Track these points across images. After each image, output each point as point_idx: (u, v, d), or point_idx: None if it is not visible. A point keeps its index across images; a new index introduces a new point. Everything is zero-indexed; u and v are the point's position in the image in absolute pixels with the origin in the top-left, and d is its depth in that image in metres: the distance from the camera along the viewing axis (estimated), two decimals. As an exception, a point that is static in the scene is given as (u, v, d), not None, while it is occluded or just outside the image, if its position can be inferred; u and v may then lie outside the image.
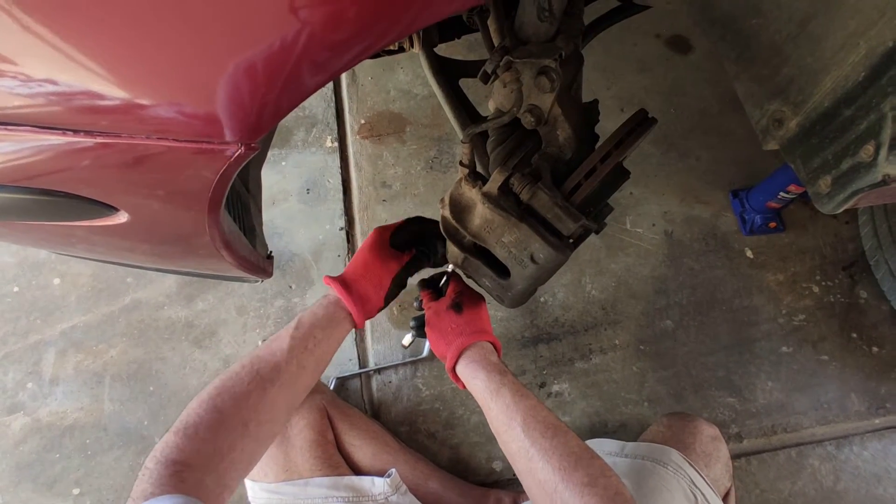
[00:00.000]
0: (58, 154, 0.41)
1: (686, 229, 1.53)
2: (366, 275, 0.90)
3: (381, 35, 0.36)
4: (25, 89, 0.38)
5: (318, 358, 0.83)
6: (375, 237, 0.94)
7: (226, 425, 0.68)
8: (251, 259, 0.73)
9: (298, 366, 0.78)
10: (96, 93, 0.38)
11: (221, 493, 0.66)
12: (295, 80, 0.37)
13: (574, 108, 0.78)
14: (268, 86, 0.37)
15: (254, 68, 0.36)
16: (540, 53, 0.69)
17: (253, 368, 0.74)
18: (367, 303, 0.90)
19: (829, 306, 1.46)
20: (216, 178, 0.44)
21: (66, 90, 0.38)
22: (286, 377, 0.76)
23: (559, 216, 0.74)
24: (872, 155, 0.65)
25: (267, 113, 0.39)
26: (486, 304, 0.95)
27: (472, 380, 0.82)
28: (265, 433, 0.75)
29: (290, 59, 0.36)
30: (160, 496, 0.56)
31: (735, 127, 1.63)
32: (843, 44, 0.68)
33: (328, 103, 1.63)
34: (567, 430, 0.72)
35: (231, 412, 0.69)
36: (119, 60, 0.37)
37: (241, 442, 0.69)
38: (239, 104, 0.38)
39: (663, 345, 1.41)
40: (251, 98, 0.38)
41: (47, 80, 0.37)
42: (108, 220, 0.52)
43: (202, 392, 0.71)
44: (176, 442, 0.64)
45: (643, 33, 1.75)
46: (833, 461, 1.32)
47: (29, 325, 1.35)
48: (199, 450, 0.64)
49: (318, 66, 0.37)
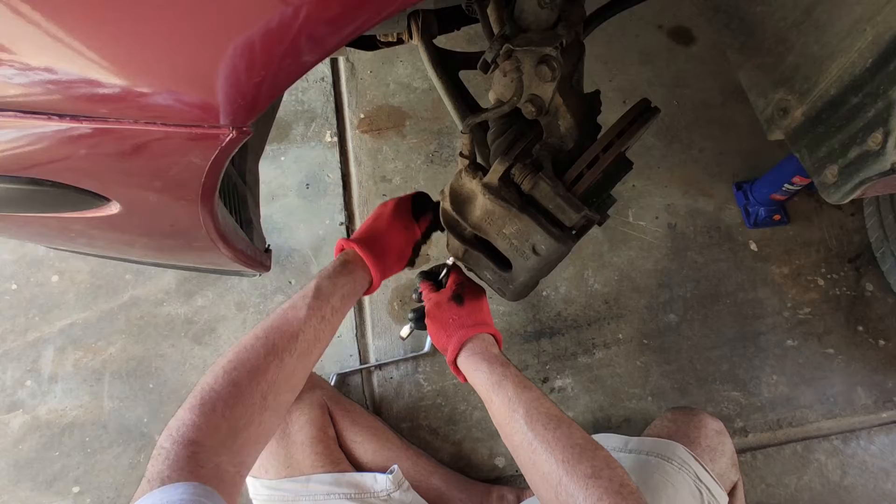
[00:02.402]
0: (44, 141, 0.40)
1: (689, 222, 1.51)
2: (389, 242, 0.89)
3: (377, 9, 0.35)
4: (9, 73, 0.37)
5: (334, 326, 0.81)
6: (396, 205, 0.94)
7: (244, 400, 0.65)
8: (248, 252, 0.72)
9: (315, 337, 0.76)
10: (81, 76, 0.36)
11: (239, 471, 0.64)
12: (287, 58, 0.36)
13: (575, 98, 0.76)
14: (258, 66, 0.36)
15: (243, 48, 0.35)
16: (540, 42, 0.68)
17: (269, 340, 0.71)
18: (390, 270, 0.91)
19: (834, 299, 1.45)
20: (208, 164, 0.42)
21: (51, 74, 0.36)
22: (303, 346, 0.74)
23: (561, 206, 0.73)
24: (881, 143, 0.64)
25: (256, 95, 0.37)
26: (488, 298, 0.94)
27: (474, 372, 0.80)
28: (282, 404, 0.73)
29: (283, 37, 0.34)
30: (177, 482, 0.54)
31: (739, 118, 1.62)
32: (849, 30, 0.67)
33: (327, 97, 1.61)
34: (570, 422, 0.71)
35: (249, 386, 0.66)
36: (105, 42, 0.35)
37: (259, 416, 0.67)
38: (228, 87, 0.37)
39: (667, 339, 1.39)
40: (240, 80, 0.36)
41: (33, 63, 0.36)
42: (99, 210, 0.50)
43: (215, 366, 0.68)
44: (192, 419, 0.61)
45: (645, 24, 1.73)
46: (839, 455, 1.30)
47: (27, 322, 1.34)
48: (217, 426, 0.62)
49: (311, 42, 0.35)
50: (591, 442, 0.69)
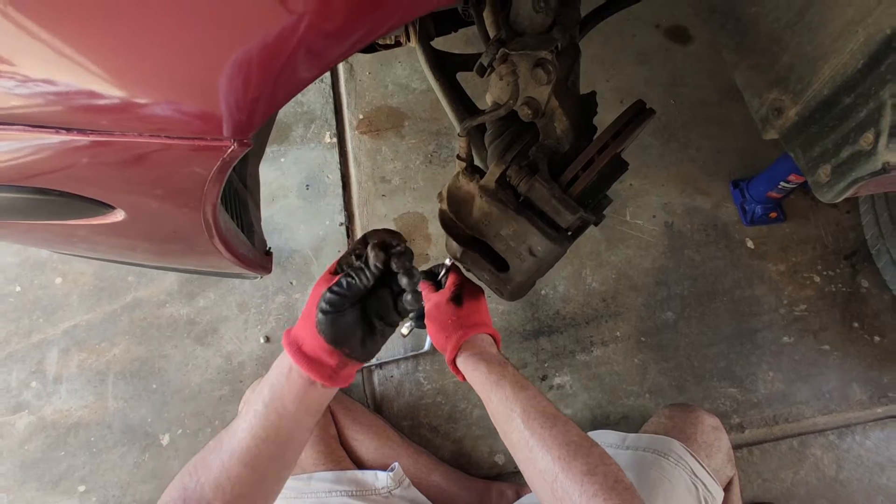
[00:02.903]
0: (51, 153, 0.41)
1: (686, 220, 1.53)
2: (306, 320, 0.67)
3: (376, 24, 0.36)
4: (17, 88, 0.38)
5: (299, 421, 0.66)
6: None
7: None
8: (250, 256, 0.73)
9: (277, 443, 0.66)
10: (87, 90, 0.37)
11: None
12: (287, 73, 0.37)
13: (571, 100, 0.78)
14: (259, 80, 0.37)
15: (244, 63, 0.36)
16: (536, 45, 0.69)
17: (225, 454, 0.64)
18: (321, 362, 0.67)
19: (830, 296, 1.46)
20: (210, 174, 0.44)
21: (57, 88, 0.37)
22: (263, 460, 0.65)
23: (557, 208, 0.74)
24: (872, 143, 0.65)
25: (259, 109, 0.39)
26: (486, 297, 0.94)
27: (472, 372, 0.81)
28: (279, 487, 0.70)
29: (283, 52, 0.35)
30: None
31: (735, 117, 1.63)
32: (841, 31, 0.68)
33: (326, 99, 1.62)
34: (566, 420, 0.72)
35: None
36: (110, 57, 0.37)
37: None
38: (230, 100, 0.38)
39: (664, 336, 1.41)
40: (242, 94, 0.38)
41: (40, 78, 0.37)
42: (104, 218, 0.52)
43: (176, 479, 0.65)
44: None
45: (642, 24, 1.74)
46: (835, 451, 1.32)
47: (32, 324, 1.36)
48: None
49: (311, 57, 0.36)
50: (587, 439, 0.70)
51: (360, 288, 0.63)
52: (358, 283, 0.63)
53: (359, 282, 0.63)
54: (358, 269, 0.63)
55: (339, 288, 0.63)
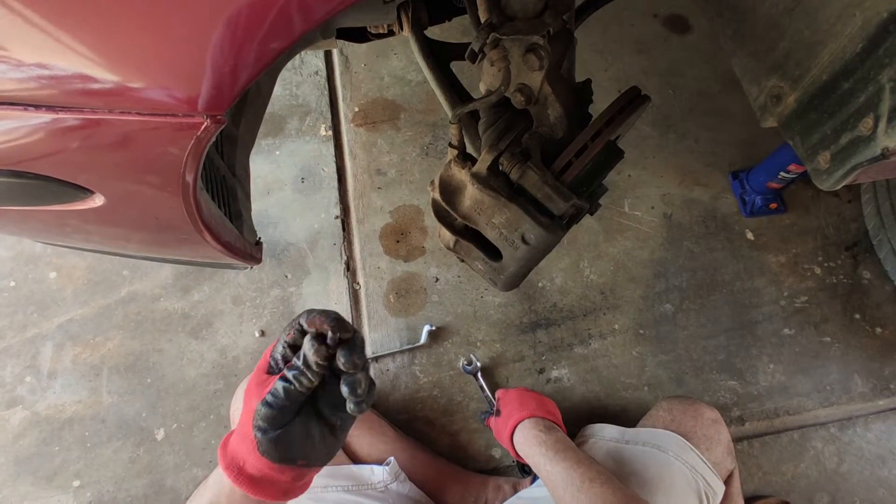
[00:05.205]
0: (20, 132, 0.40)
1: (685, 211, 1.51)
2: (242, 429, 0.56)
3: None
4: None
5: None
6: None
7: None
8: (238, 245, 0.72)
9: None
10: (52, 64, 0.36)
11: None
12: (257, 42, 0.35)
13: (565, 87, 0.76)
14: (229, 51, 0.35)
15: (212, 33, 0.34)
16: (527, 30, 0.67)
17: None
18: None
19: (831, 287, 1.44)
20: (185, 154, 0.42)
21: (22, 62, 0.36)
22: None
23: (549, 195, 0.72)
24: (871, 128, 0.64)
25: (230, 82, 0.37)
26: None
27: (528, 453, 0.97)
28: None
29: (252, 19, 0.34)
30: None
31: (734, 107, 1.61)
32: (839, 15, 0.66)
33: (322, 91, 1.61)
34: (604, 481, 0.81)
35: None
36: (74, 28, 0.35)
37: None
38: (200, 73, 0.36)
39: (663, 329, 1.39)
40: (213, 66, 0.36)
41: (2, 52, 0.36)
42: (83, 203, 0.50)
43: None
44: None
45: (640, 13, 1.72)
46: (836, 443, 1.31)
47: (26, 319, 1.35)
48: None
49: (282, 23, 0.35)
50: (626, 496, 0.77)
51: (301, 393, 0.52)
52: (298, 389, 0.51)
53: (298, 386, 0.51)
54: (295, 370, 0.51)
55: (274, 399, 0.51)
